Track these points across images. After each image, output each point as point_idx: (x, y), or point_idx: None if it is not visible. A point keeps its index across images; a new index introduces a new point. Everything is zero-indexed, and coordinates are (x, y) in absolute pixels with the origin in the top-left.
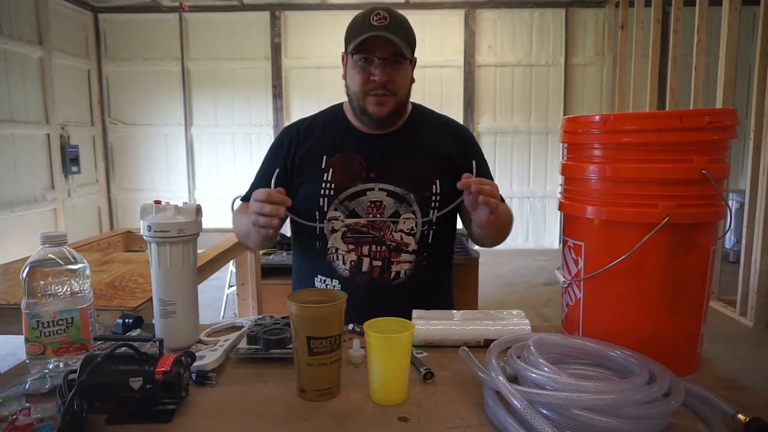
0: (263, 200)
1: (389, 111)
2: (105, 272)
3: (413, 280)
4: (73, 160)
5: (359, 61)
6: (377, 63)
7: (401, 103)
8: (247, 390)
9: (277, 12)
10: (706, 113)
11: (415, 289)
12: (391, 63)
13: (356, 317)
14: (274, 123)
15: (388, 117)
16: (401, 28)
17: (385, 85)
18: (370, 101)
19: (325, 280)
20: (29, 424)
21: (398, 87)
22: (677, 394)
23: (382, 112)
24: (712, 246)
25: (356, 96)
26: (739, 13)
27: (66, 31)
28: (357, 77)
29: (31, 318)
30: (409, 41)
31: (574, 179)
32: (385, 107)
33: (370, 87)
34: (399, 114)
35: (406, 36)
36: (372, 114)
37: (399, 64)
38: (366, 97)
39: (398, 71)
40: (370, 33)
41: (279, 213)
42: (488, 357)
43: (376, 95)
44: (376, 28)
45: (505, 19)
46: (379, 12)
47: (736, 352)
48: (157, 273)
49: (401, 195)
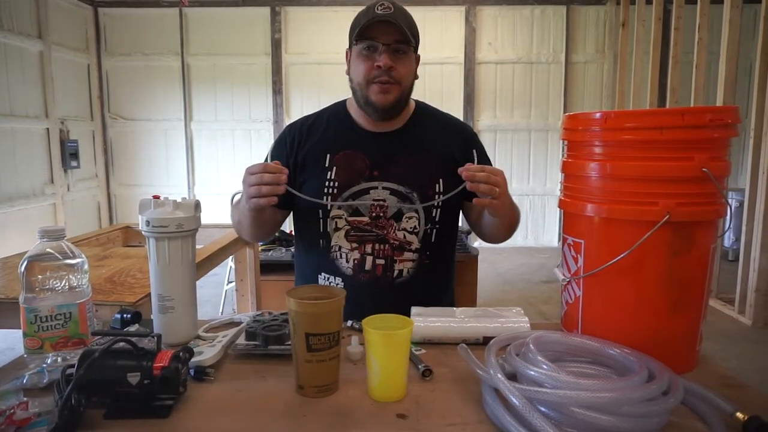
0: (261, 171)
1: (393, 100)
2: (104, 267)
3: (416, 278)
4: (72, 154)
5: (363, 49)
6: (382, 49)
7: (404, 94)
8: (246, 386)
9: (277, 7)
10: (708, 111)
11: (418, 287)
12: (395, 50)
13: (359, 315)
14: (274, 119)
15: (391, 107)
16: (405, 17)
17: (389, 72)
18: (373, 90)
19: (329, 278)
20: (27, 419)
21: (402, 76)
22: (676, 392)
23: (385, 101)
24: (712, 244)
25: (360, 86)
26: (740, 12)
27: (66, 26)
28: (361, 66)
29: (29, 312)
30: (413, 32)
31: (575, 176)
32: (389, 95)
33: (374, 75)
34: (402, 105)
35: (410, 26)
36: (375, 103)
37: (403, 53)
38: (370, 85)
39: (402, 60)
40: (375, 19)
41: (280, 179)
42: (487, 354)
43: (380, 83)
44: (380, 15)
45: (505, 16)
46: (384, 2)
47: (734, 351)
48: (155, 268)
49: (404, 194)
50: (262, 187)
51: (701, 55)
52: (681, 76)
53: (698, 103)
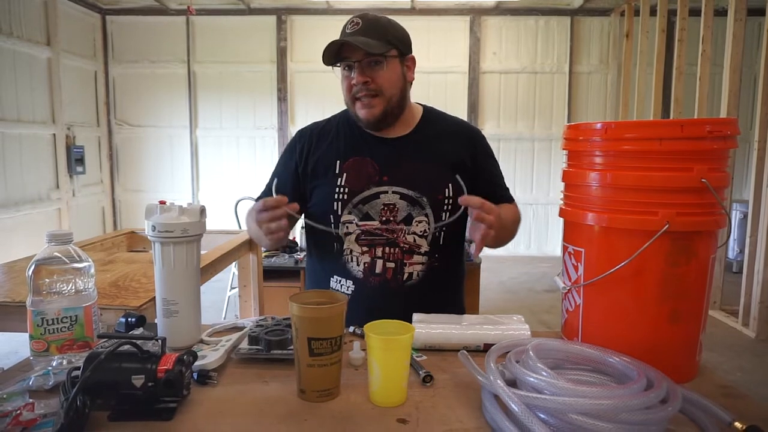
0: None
1: (379, 112)
2: (108, 272)
3: (425, 280)
4: (78, 160)
5: (342, 70)
6: (355, 66)
7: (392, 102)
8: (248, 390)
9: (283, 16)
10: (706, 123)
11: (428, 290)
12: (369, 64)
13: (369, 318)
14: (279, 126)
15: (379, 119)
16: (375, 27)
17: (366, 87)
18: (358, 106)
19: (341, 281)
20: (33, 420)
21: (381, 86)
22: (674, 401)
23: (371, 116)
24: (711, 255)
25: (348, 105)
26: (744, 24)
27: (74, 33)
28: (343, 85)
29: (36, 315)
30: (386, 39)
31: (575, 186)
32: (373, 109)
33: (354, 91)
34: (395, 113)
35: (383, 35)
36: (362, 119)
37: (378, 64)
38: (355, 103)
39: (378, 71)
40: (342, 40)
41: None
42: (487, 361)
43: (360, 99)
44: (347, 35)
45: (510, 26)
46: (353, 19)
47: (738, 363)
48: (160, 272)
49: (414, 198)
50: (270, 224)
51: (705, 67)
52: (684, 87)
53: (702, 114)
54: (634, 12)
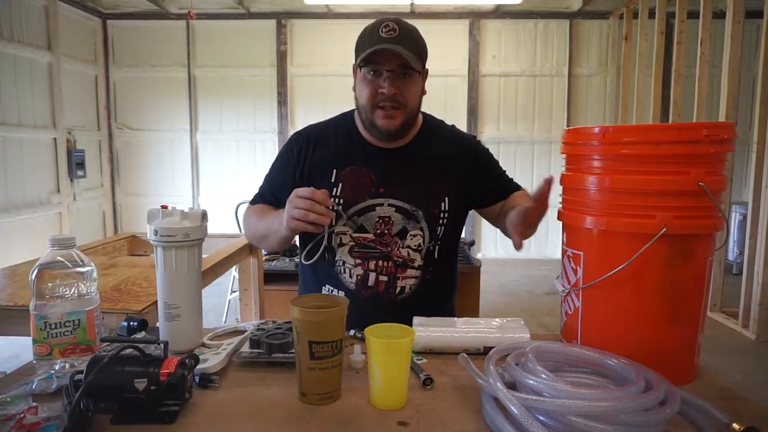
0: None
1: (399, 124)
2: (110, 276)
3: (417, 294)
4: (79, 164)
5: (368, 74)
6: (386, 75)
7: (411, 115)
8: (249, 393)
9: (283, 20)
10: (703, 126)
11: (419, 303)
12: (400, 75)
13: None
14: (279, 130)
15: (397, 131)
16: (411, 39)
17: (394, 98)
18: (378, 114)
19: (332, 290)
20: (36, 423)
21: (408, 100)
22: (673, 403)
23: (391, 126)
24: (709, 257)
25: (365, 109)
26: (742, 26)
27: (75, 37)
28: (366, 90)
29: (39, 319)
30: (419, 53)
31: (574, 189)
32: (394, 121)
33: (378, 100)
34: (409, 126)
35: (416, 47)
36: (381, 128)
37: (408, 76)
38: (375, 110)
39: (407, 84)
40: (379, 46)
41: (326, 214)
42: (487, 364)
43: (384, 108)
44: (384, 41)
45: (509, 30)
46: (389, 24)
47: (738, 365)
48: (162, 276)
49: (410, 211)
50: (309, 213)
51: (703, 70)
52: (683, 90)
53: (700, 116)
54: (632, 15)
